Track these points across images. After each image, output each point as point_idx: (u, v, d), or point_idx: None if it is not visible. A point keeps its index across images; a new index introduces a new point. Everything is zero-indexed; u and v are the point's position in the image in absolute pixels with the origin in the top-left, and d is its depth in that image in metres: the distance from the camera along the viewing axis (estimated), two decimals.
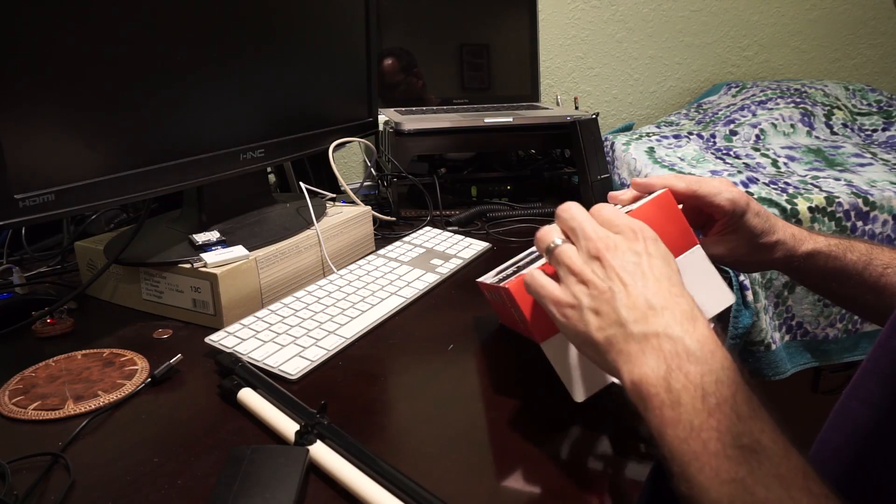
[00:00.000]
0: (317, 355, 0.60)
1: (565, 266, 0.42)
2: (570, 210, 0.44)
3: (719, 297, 0.53)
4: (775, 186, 1.29)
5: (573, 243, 0.43)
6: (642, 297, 0.38)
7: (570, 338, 0.43)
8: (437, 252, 0.87)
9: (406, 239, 0.91)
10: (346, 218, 0.85)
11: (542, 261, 0.47)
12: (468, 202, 1.13)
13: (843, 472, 0.35)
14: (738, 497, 0.30)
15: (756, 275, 1.04)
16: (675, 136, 1.60)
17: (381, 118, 1.07)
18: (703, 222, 0.58)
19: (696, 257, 0.52)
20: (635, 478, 0.46)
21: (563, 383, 0.50)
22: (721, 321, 1.11)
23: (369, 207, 0.91)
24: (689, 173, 1.36)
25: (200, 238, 0.69)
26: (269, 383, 0.53)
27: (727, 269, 0.99)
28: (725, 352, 0.36)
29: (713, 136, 1.62)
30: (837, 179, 1.32)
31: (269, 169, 1.04)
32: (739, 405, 0.33)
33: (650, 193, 0.53)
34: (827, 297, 0.62)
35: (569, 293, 0.41)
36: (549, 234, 0.45)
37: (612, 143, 1.63)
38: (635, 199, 0.55)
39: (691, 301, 0.38)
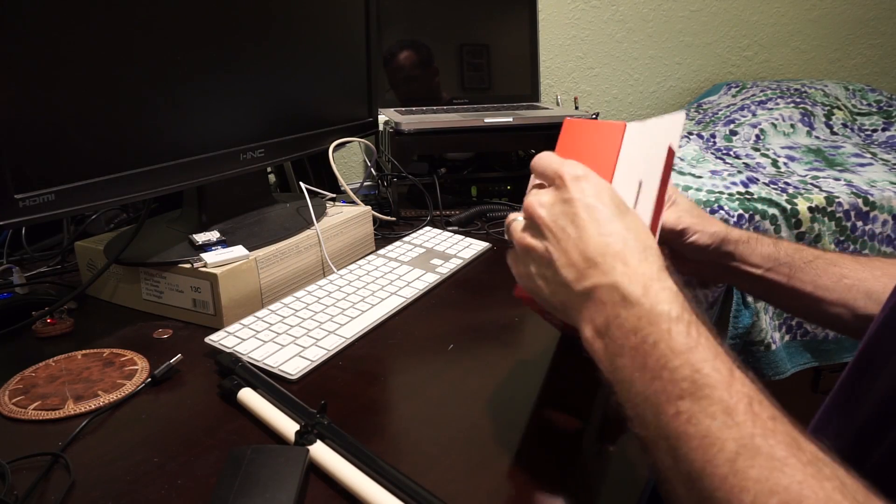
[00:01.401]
0: (317, 355, 0.60)
1: (513, 240, 0.42)
2: (541, 165, 0.43)
3: (669, 127, 0.50)
4: (775, 186, 1.29)
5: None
6: (577, 251, 0.37)
7: (544, 307, 0.43)
8: (437, 252, 0.87)
9: (406, 239, 0.91)
10: (346, 218, 0.85)
11: None
12: (468, 202, 1.13)
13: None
14: (682, 432, 0.30)
15: None
16: None
17: (381, 118, 1.07)
18: None
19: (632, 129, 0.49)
20: (636, 477, 0.46)
21: None
22: (722, 320, 1.12)
23: (369, 207, 0.91)
24: (690, 173, 1.36)
25: (200, 238, 0.69)
26: (269, 383, 0.53)
27: None
28: (660, 280, 0.35)
29: (713, 136, 1.62)
30: (837, 179, 1.32)
31: (269, 169, 1.04)
32: (676, 340, 0.32)
33: None
34: (761, 291, 0.62)
35: (521, 265, 0.42)
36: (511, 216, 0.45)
37: None
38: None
39: (623, 232, 0.38)
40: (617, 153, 0.46)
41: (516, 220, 0.44)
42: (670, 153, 0.49)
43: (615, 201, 0.40)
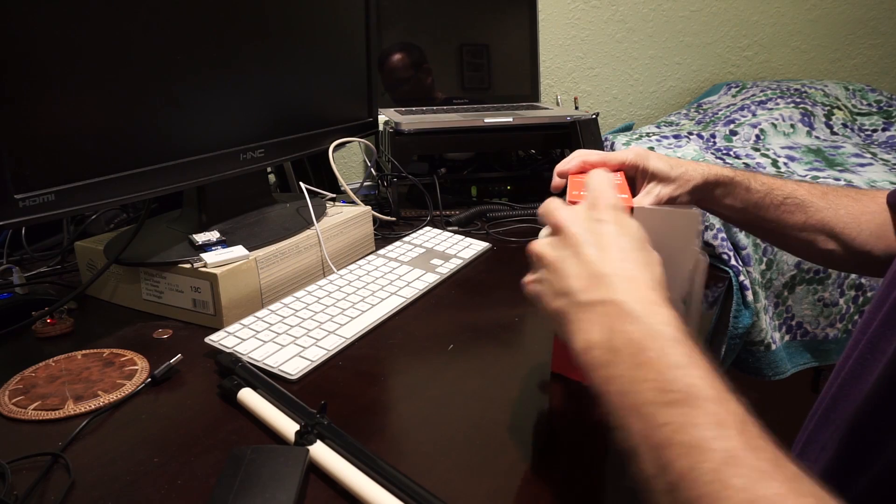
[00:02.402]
0: (317, 355, 0.60)
1: (532, 254, 0.43)
2: (546, 204, 0.44)
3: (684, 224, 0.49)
4: None
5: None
6: (591, 265, 0.38)
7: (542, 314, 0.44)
8: (437, 252, 0.87)
9: (406, 239, 0.91)
10: (346, 218, 0.85)
11: None
12: (468, 202, 1.13)
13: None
14: (671, 439, 0.30)
15: (756, 275, 1.04)
16: (675, 136, 1.60)
17: (381, 118, 1.07)
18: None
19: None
20: (635, 477, 0.46)
21: None
22: (722, 320, 1.12)
23: (369, 207, 0.91)
24: None
25: (200, 238, 0.69)
26: (269, 383, 0.53)
27: (726, 268, 0.99)
28: (667, 309, 0.36)
29: (713, 136, 1.62)
30: (837, 179, 1.32)
31: (269, 169, 1.04)
32: (677, 356, 0.33)
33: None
34: (742, 226, 0.69)
35: (533, 272, 0.43)
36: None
37: (612, 144, 1.63)
38: (582, 169, 0.59)
39: (640, 264, 0.38)
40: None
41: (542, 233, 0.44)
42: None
43: (641, 236, 0.41)
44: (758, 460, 0.28)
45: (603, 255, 0.38)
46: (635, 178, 0.62)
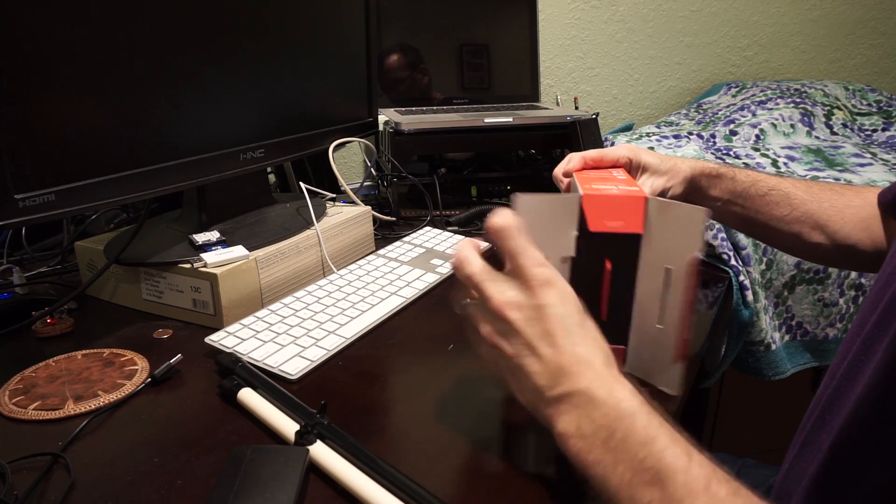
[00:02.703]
0: (317, 355, 0.60)
1: (480, 332, 0.42)
2: (465, 266, 0.43)
3: (691, 220, 0.49)
4: None
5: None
6: (552, 362, 0.39)
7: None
8: (437, 252, 0.87)
9: (406, 239, 0.91)
10: (346, 218, 0.85)
11: None
12: (468, 202, 1.13)
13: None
14: None
15: (756, 275, 1.04)
16: (675, 136, 1.60)
17: (381, 118, 1.07)
18: None
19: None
20: None
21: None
22: (721, 320, 1.11)
23: (369, 207, 0.91)
24: None
25: (200, 238, 0.69)
26: (269, 383, 0.53)
27: (726, 268, 0.99)
28: (621, 383, 0.38)
29: (713, 136, 1.62)
30: (837, 179, 1.32)
31: (269, 169, 1.04)
32: (640, 432, 0.36)
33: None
34: (729, 220, 0.71)
35: (491, 356, 0.42)
36: (458, 294, 0.45)
37: (612, 143, 1.63)
38: (585, 166, 0.64)
39: (590, 343, 0.40)
40: (642, 219, 0.48)
41: (470, 305, 0.43)
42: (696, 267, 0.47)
43: (579, 309, 0.41)
44: None
45: (557, 350, 0.39)
46: (629, 172, 0.64)
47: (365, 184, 1.14)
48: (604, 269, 0.49)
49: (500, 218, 0.43)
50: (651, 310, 0.50)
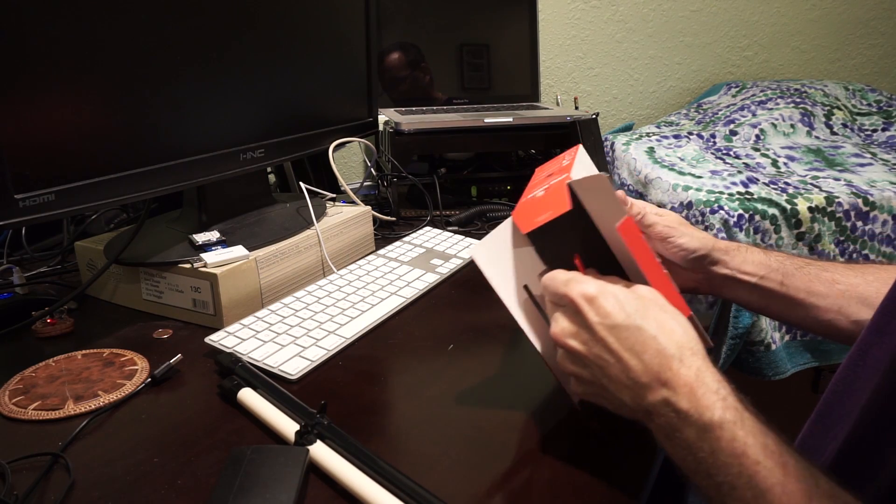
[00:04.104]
0: (317, 355, 0.60)
1: (561, 345, 0.44)
2: (550, 288, 0.45)
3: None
4: (775, 186, 1.29)
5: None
6: (624, 376, 0.40)
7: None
8: (437, 252, 0.87)
9: (406, 239, 0.91)
10: (346, 218, 0.85)
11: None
12: (468, 202, 1.13)
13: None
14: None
15: None
16: (675, 136, 1.60)
17: (381, 118, 1.07)
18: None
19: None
20: (635, 477, 0.46)
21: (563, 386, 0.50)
22: (722, 320, 1.12)
23: (369, 207, 0.91)
24: (690, 173, 1.37)
25: (200, 238, 0.69)
26: (269, 383, 0.53)
27: None
28: (701, 382, 0.38)
29: (713, 136, 1.62)
30: (837, 179, 1.32)
31: (269, 169, 1.04)
32: (726, 447, 0.36)
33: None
34: (757, 306, 0.62)
35: (575, 368, 0.44)
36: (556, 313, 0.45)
37: (612, 143, 1.63)
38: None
39: (654, 343, 0.40)
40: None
41: (555, 327, 0.44)
42: (624, 228, 0.47)
43: (630, 308, 0.41)
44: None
45: (622, 362, 0.40)
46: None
47: (365, 184, 1.14)
48: (576, 263, 0.48)
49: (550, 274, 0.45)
50: (637, 278, 0.49)
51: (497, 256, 0.49)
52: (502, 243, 0.50)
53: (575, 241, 0.47)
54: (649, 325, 0.40)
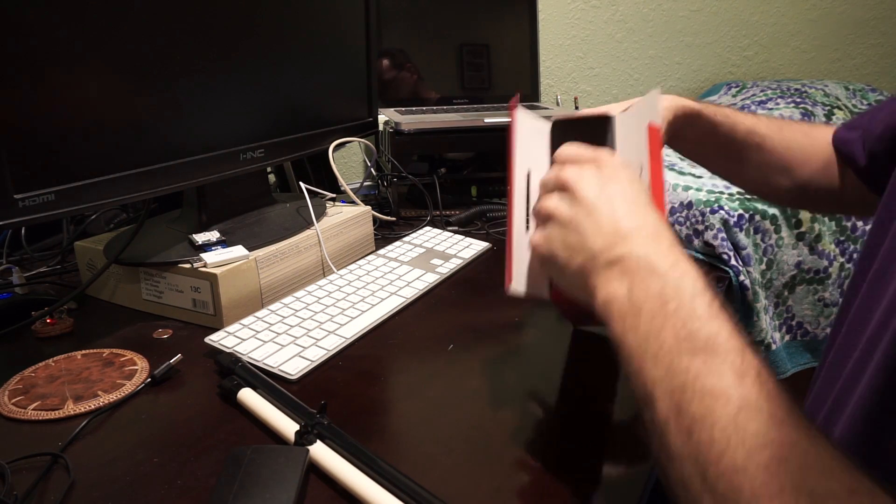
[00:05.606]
0: (317, 355, 0.60)
1: (538, 209, 0.44)
2: (560, 152, 0.45)
3: (646, 105, 0.53)
4: None
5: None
6: (609, 222, 0.39)
7: (554, 278, 0.45)
8: (437, 252, 0.87)
9: (406, 239, 0.91)
10: (346, 218, 0.85)
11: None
12: (468, 202, 1.13)
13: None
14: (689, 385, 0.31)
15: (756, 275, 1.04)
16: None
17: (381, 118, 1.07)
18: None
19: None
20: (634, 477, 0.46)
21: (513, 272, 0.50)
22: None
23: (369, 207, 0.91)
24: (690, 173, 1.36)
25: (200, 238, 0.69)
26: (269, 383, 0.53)
27: (726, 268, 0.99)
28: (688, 262, 0.37)
29: None
30: None
31: (269, 169, 1.04)
32: (698, 307, 0.34)
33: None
34: (700, 158, 0.69)
35: (543, 235, 0.43)
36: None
37: None
38: None
39: (656, 218, 0.39)
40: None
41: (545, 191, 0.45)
42: (652, 131, 0.50)
43: (646, 192, 0.42)
44: (774, 409, 0.29)
45: (621, 212, 0.39)
46: None
47: (365, 184, 1.14)
48: None
49: (571, 148, 0.45)
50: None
51: (529, 132, 0.51)
52: (538, 126, 0.52)
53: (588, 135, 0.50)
54: (655, 211, 0.40)
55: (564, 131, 0.51)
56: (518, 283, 0.48)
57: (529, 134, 0.51)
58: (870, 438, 0.38)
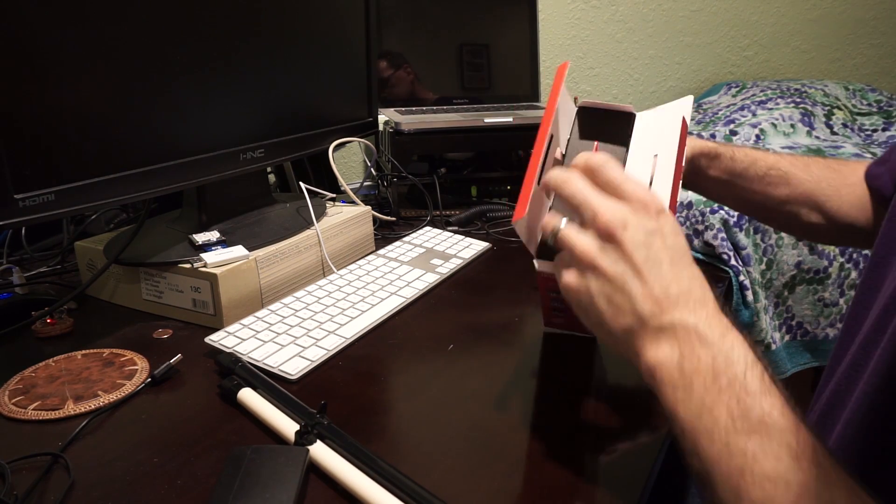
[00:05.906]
0: (317, 355, 0.60)
1: (571, 250, 0.39)
2: (571, 183, 0.40)
3: (678, 105, 0.58)
4: None
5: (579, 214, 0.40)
6: (658, 287, 0.37)
7: (583, 320, 0.41)
8: (437, 252, 0.87)
9: (406, 239, 0.91)
10: (346, 218, 0.85)
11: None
12: (468, 202, 1.13)
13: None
14: (748, 468, 0.31)
15: (756, 275, 1.04)
16: None
17: (381, 118, 1.07)
18: None
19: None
20: (634, 477, 0.46)
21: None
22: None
23: (369, 207, 0.91)
24: None
25: (200, 238, 0.69)
26: (269, 383, 0.53)
27: (726, 268, 0.99)
28: (736, 332, 0.36)
29: (713, 136, 1.62)
30: None
31: (269, 169, 1.04)
32: (750, 382, 0.33)
33: None
34: (727, 200, 0.71)
35: (580, 280, 0.39)
36: (553, 217, 0.41)
37: None
38: None
39: (702, 281, 0.38)
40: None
41: (566, 228, 0.40)
42: (684, 125, 0.53)
43: (687, 247, 0.39)
44: (833, 494, 0.29)
45: (669, 277, 0.37)
46: None
47: (365, 184, 1.14)
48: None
49: (596, 156, 0.40)
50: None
51: (564, 102, 0.55)
52: (570, 106, 0.56)
53: (605, 136, 0.54)
54: (698, 272, 0.38)
55: (589, 118, 0.54)
56: (520, 225, 0.47)
57: (564, 102, 0.53)
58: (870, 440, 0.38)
